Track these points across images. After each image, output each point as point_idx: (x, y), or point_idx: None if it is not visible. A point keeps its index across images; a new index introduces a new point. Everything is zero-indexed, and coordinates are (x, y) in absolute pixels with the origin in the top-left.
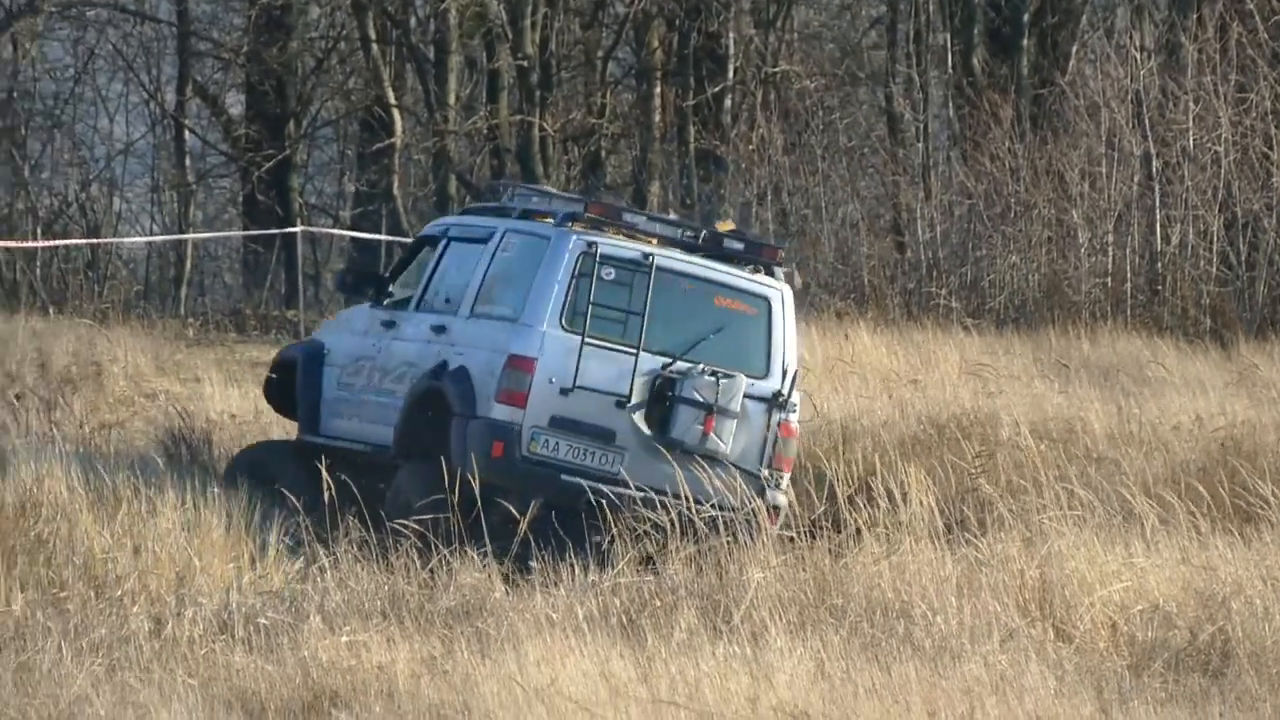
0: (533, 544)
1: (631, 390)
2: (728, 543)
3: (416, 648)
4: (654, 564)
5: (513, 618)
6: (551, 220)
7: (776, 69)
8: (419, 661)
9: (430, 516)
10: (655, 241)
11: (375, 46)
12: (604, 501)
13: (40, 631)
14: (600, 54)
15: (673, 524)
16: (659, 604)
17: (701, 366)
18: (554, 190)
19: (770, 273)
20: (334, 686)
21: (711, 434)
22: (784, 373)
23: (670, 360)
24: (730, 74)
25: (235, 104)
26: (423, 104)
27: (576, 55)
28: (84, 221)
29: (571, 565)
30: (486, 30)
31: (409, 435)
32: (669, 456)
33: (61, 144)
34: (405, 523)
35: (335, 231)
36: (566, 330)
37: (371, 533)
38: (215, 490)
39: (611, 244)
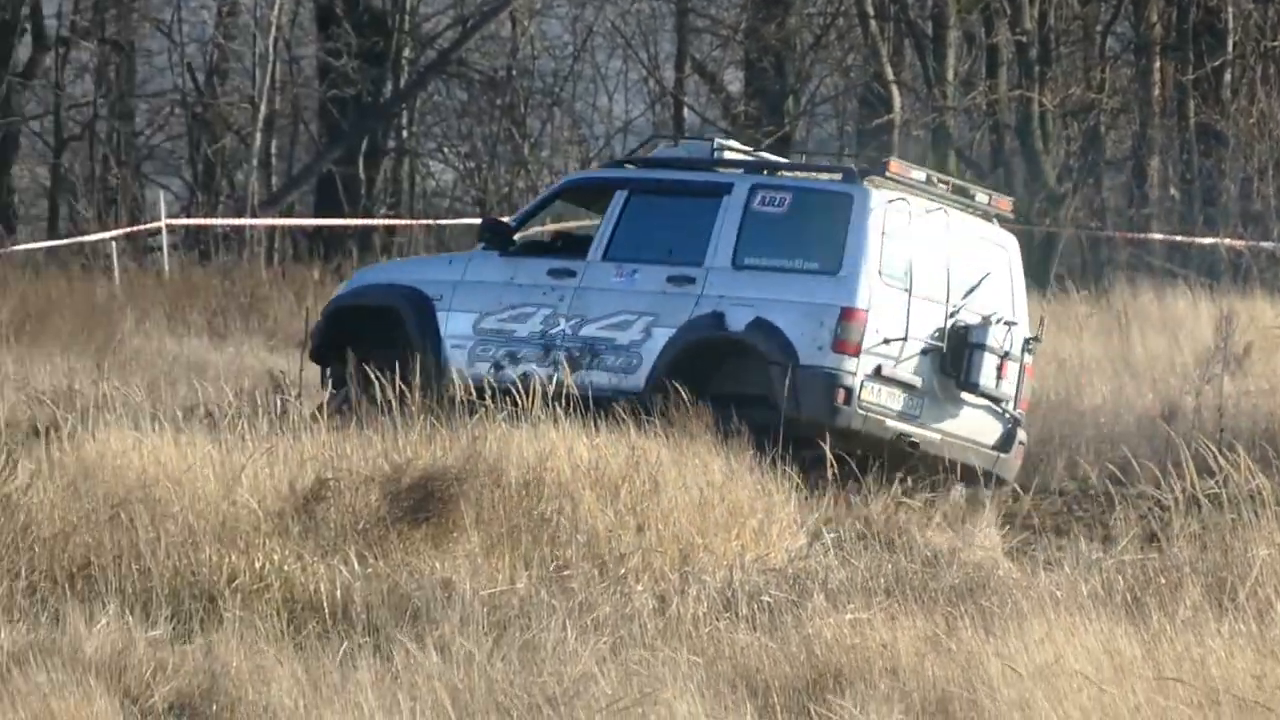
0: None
1: (944, 339)
2: (1231, 520)
3: (919, 626)
4: (1158, 540)
5: (1016, 595)
6: (827, 176)
7: (1276, 43)
8: (922, 639)
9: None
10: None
11: (873, 22)
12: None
13: (545, 609)
14: (1099, 28)
15: (1176, 501)
16: (1163, 581)
17: (995, 315)
18: (738, 144)
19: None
20: (837, 664)
21: (1005, 379)
22: (1027, 318)
23: (955, 309)
24: (1230, 48)
25: (734, 81)
26: (921, 80)
27: (1075, 30)
28: None
29: (1077, 542)
30: (985, 6)
31: (672, 382)
32: (961, 401)
33: (561, 122)
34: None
35: None
36: (883, 282)
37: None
38: (716, 467)
39: (911, 200)
